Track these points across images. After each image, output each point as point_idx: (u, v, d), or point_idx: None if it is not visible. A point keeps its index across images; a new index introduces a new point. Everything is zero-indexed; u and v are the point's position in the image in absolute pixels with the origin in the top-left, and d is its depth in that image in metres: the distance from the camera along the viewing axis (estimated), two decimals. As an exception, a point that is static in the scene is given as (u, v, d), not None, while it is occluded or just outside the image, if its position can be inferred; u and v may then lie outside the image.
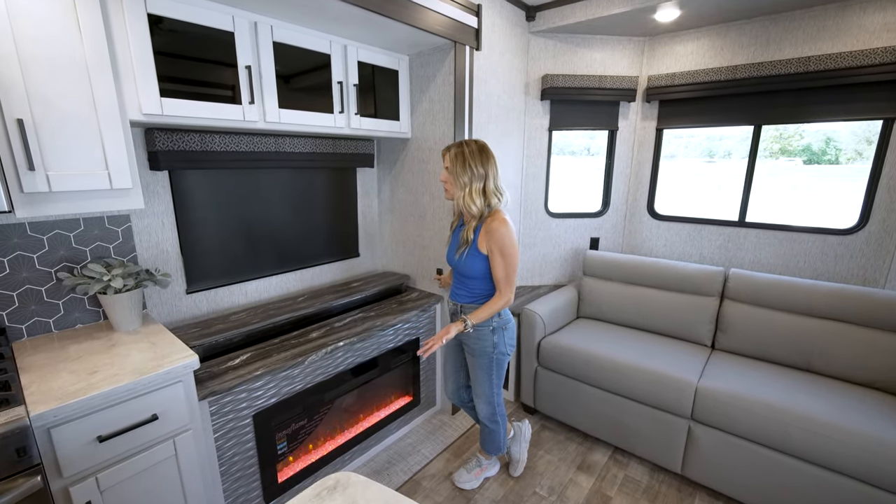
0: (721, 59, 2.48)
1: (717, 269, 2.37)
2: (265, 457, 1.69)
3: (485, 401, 1.86)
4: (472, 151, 1.61)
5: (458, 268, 1.74)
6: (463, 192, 1.61)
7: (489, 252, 1.63)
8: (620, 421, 2.16)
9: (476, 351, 1.77)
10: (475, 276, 1.69)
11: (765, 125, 2.44)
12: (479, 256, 1.65)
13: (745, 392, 1.84)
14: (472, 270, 1.68)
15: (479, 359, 1.78)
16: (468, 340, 1.79)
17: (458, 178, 1.61)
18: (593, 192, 3.08)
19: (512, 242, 1.60)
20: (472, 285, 1.74)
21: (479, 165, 1.60)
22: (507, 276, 1.63)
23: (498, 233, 1.59)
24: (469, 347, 1.80)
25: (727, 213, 2.67)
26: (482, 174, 1.60)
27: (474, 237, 1.65)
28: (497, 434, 1.94)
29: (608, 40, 2.72)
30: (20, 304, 1.46)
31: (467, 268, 1.69)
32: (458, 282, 1.80)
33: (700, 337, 2.36)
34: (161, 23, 1.41)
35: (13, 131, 1.15)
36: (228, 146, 1.81)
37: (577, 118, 2.85)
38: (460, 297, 1.79)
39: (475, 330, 1.73)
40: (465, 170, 1.60)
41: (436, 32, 1.94)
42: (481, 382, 1.83)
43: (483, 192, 1.61)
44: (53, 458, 1.10)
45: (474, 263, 1.67)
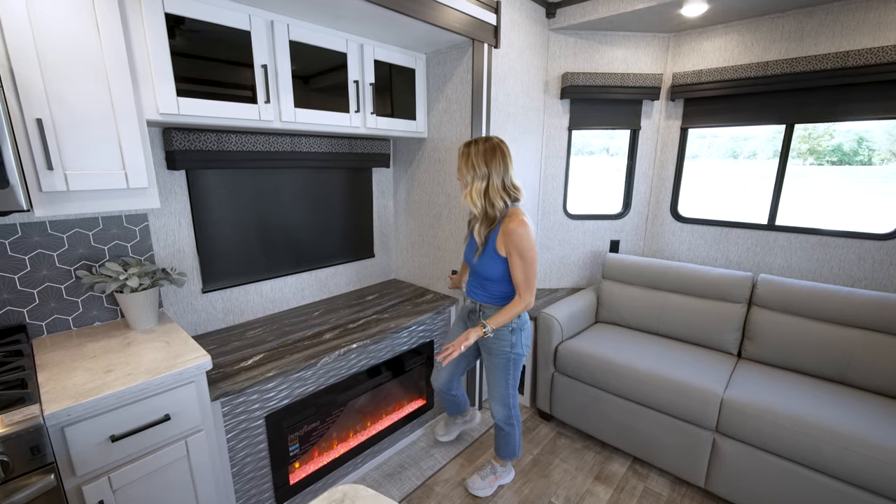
0: (751, 55, 2.37)
1: (744, 274, 2.27)
2: (277, 458, 1.68)
3: (500, 402, 1.83)
4: (478, 150, 1.57)
5: (476, 269, 1.71)
6: (465, 190, 1.60)
7: (508, 254, 1.58)
8: (641, 430, 2.08)
9: (494, 350, 1.75)
10: (493, 278, 1.66)
11: (797, 124, 2.32)
12: (498, 259, 1.61)
13: (773, 404, 1.75)
14: (491, 273, 1.65)
15: (497, 358, 1.75)
16: (486, 341, 1.77)
17: (462, 177, 1.60)
18: (613, 193, 3.00)
19: (531, 245, 1.55)
20: (491, 287, 1.71)
21: (481, 165, 1.55)
22: (527, 279, 1.58)
23: (516, 234, 1.53)
24: (486, 347, 1.78)
25: (754, 215, 2.56)
26: (484, 174, 1.55)
27: (492, 238, 1.61)
28: (512, 437, 1.91)
29: (631, 37, 2.64)
30: (40, 301, 1.49)
31: (485, 270, 1.66)
32: (475, 281, 1.77)
33: (726, 345, 2.26)
34: (178, 22, 1.40)
35: (32, 131, 1.15)
36: (245, 146, 1.81)
37: (598, 117, 2.77)
38: (478, 296, 1.77)
39: (493, 332, 1.70)
40: (469, 168, 1.57)
41: (453, 30, 1.90)
42: (498, 383, 1.80)
43: (485, 193, 1.57)
44: (67, 457, 1.10)
45: (493, 266, 1.63)
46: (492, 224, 1.61)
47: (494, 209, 1.58)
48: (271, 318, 2.07)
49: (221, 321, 1.96)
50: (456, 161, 2.20)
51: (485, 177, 1.56)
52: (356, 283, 2.53)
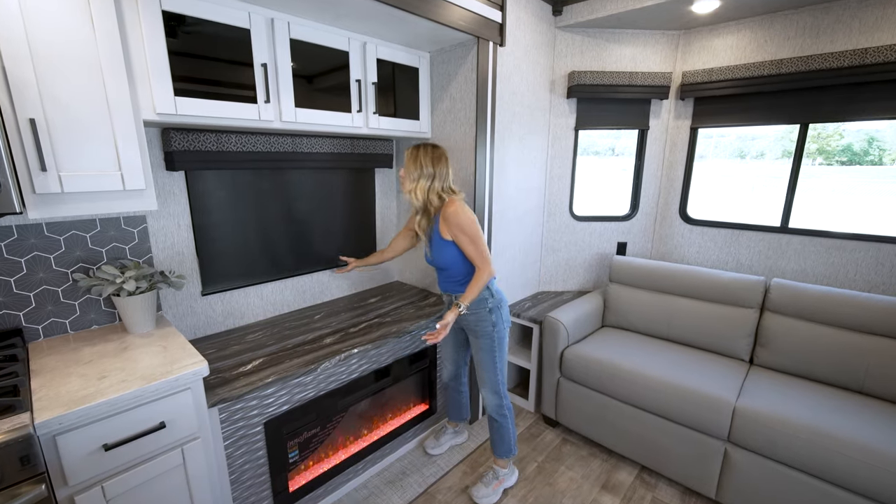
0: (764, 52, 2.31)
1: (757, 278, 2.20)
2: (276, 465, 1.65)
3: (491, 389, 1.89)
4: (426, 153, 1.72)
5: (434, 262, 1.81)
6: (410, 185, 1.73)
7: (453, 237, 1.71)
8: (649, 439, 2.03)
9: (479, 332, 1.83)
10: (450, 264, 1.77)
11: (812, 123, 2.25)
12: (447, 244, 1.73)
13: (788, 414, 1.69)
14: (446, 259, 1.76)
15: (482, 340, 1.83)
16: (469, 324, 1.85)
17: (409, 173, 1.73)
18: (619, 194, 2.94)
19: (469, 219, 1.68)
20: (455, 274, 1.80)
21: (428, 165, 1.71)
22: (479, 251, 1.70)
23: (453, 215, 1.67)
24: (471, 330, 1.86)
25: (765, 217, 2.49)
26: (430, 174, 1.71)
27: (435, 229, 1.75)
28: (506, 429, 1.93)
29: (640, 35, 2.58)
30: (37, 304, 1.46)
31: (441, 259, 1.77)
32: (440, 275, 1.87)
33: (737, 351, 2.20)
34: (175, 20, 1.37)
35: (26, 131, 1.13)
36: (245, 146, 1.78)
37: (606, 117, 2.72)
38: (451, 288, 1.85)
39: (473, 313, 1.80)
40: (417, 167, 1.71)
41: (458, 28, 1.86)
42: (486, 367, 1.86)
43: (428, 190, 1.72)
44: (59, 466, 1.08)
45: (445, 252, 1.75)
46: (430, 216, 1.75)
47: (432, 204, 1.74)
48: (272, 321, 2.04)
49: (221, 324, 1.93)
50: (461, 162, 2.18)
51: (430, 177, 1.71)
52: (358, 286, 2.50)
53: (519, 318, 2.55)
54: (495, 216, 2.38)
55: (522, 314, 2.53)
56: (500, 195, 2.40)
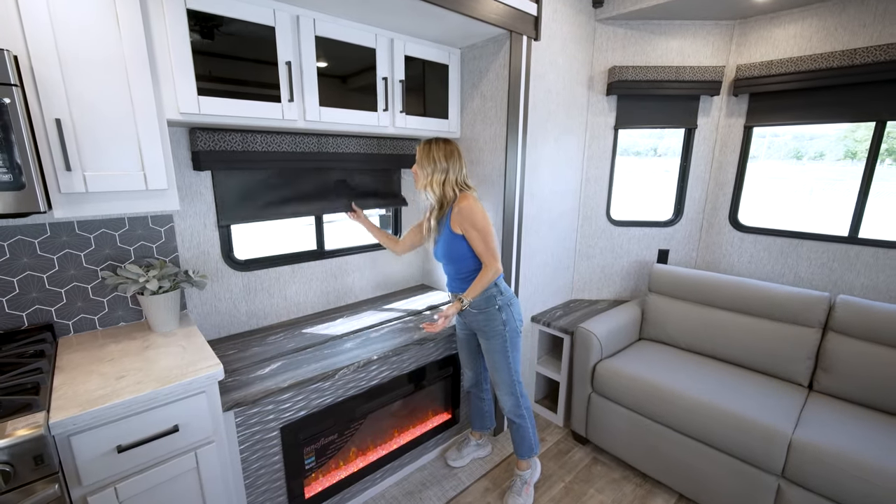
0: (834, 42, 2.06)
1: (820, 294, 1.97)
2: (292, 471, 1.62)
3: (506, 391, 1.84)
4: (438, 148, 1.70)
5: (443, 255, 1.77)
6: (424, 180, 1.71)
7: (464, 231, 1.68)
8: (689, 466, 1.85)
9: (489, 332, 1.78)
10: (459, 258, 1.73)
11: (891, 121, 1.99)
12: (457, 238, 1.70)
13: (853, 450, 1.48)
14: (456, 253, 1.72)
15: (493, 340, 1.78)
16: (477, 324, 1.80)
17: (423, 168, 1.70)
18: (661, 197, 2.74)
19: (482, 216, 1.67)
20: (461, 269, 1.75)
21: (441, 160, 1.68)
22: (487, 248, 1.67)
23: (466, 209, 1.65)
24: (482, 332, 1.81)
25: (828, 225, 2.24)
26: (444, 168, 1.69)
27: (447, 223, 1.71)
28: (526, 430, 1.90)
29: (689, 26, 2.39)
30: (68, 300, 1.50)
31: (451, 252, 1.73)
32: (448, 272, 1.82)
33: (794, 374, 1.97)
34: (200, 19, 1.36)
35: (52, 131, 1.14)
36: (270, 146, 1.77)
37: (649, 115, 2.53)
38: (459, 287, 1.80)
39: (482, 312, 1.76)
40: (430, 161, 1.69)
41: (490, 21, 1.77)
42: (500, 368, 1.81)
43: (443, 184, 1.70)
44: (73, 466, 1.08)
45: (455, 246, 1.71)
46: (443, 210, 1.72)
47: (446, 198, 1.71)
48: (294, 322, 2.03)
49: (245, 324, 1.93)
50: (491, 163, 2.08)
51: (444, 171, 1.69)
52: (382, 289, 2.45)
53: (549, 328, 2.42)
54: (526, 219, 2.26)
55: (553, 323, 2.40)
56: (531, 197, 2.29)
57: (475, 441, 2.17)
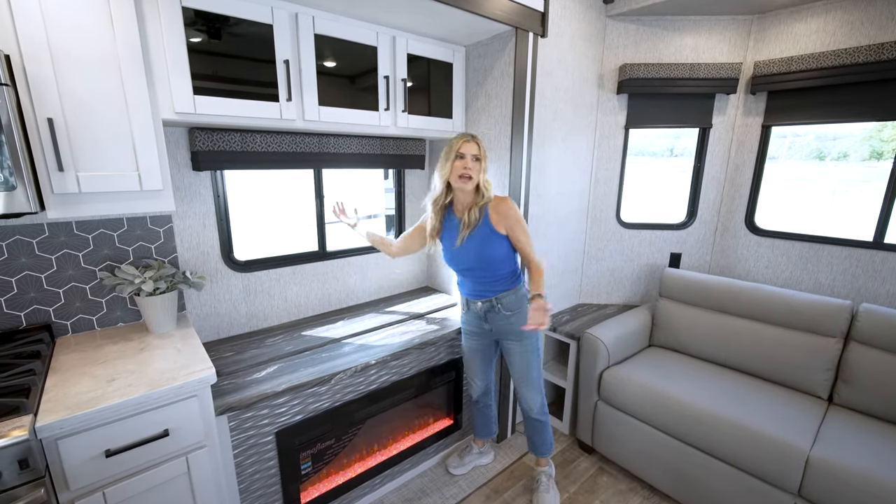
0: (860, 36, 1.96)
1: (842, 302, 1.87)
2: (288, 476, 1.59)
3: (536, 390, 1.85)
4: None
5: (476, 259, 1.69)
6: (482, 175, 1.66)
7: (509, 230, 1.66)
8: (699, 480, 1.78)
9: (524, 334, 1.76)
10: (499, 258, 1.69)
11: (920, 120, 1.88)
12: (500, 237, 1.67)
13: (879, 471, 1.39)
14: (498, 253, 1.68)
15: (527, 340, 1.77)
16: (509, 327, 1.76)
17: (483, 161, 1.66)
18: (675, 199, 2.65)
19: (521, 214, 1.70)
20: (498, 272, 1.72)
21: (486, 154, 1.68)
22: (531, 243, 1.69)
23: (511, 209, 1.66)
24: (514, 333, 1.77)
25: (852, 229, 2.13)
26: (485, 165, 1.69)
27: (485, 223, 1.66)
28: (548, 426, 1.93)
29: (703, 21, 2.30)
30: (66, 300, 1.49)
31: (493, 252, 1.67)
32: (477, 276, 1.74)
33: (812, 387, 1.88)
34: (196, 17, 1.34)
35: (44, 131, 1.13)
36: (270, 146, 1.75)
37: (661, 114, 2.45)
38: (490, 291, 1.74)
39: (516, 314, 1.74)
40: (484, 156, 1.66)
41: (495, 18, 1.72)
42: (531, 367, 1.81)
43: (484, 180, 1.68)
44: (61, 471, 1.06)
45: (498, 245, 1.67)
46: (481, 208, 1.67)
47: (489, 192, 1.70)
48: (294, 324, 2.01)
49: (245, 326, 1.91)
50: (496, 161, 2.04)
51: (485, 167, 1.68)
52: (385, 291, 2.42)
53: (555, 333, 2.36)
54: (532, 220, 2.20)
55: (559, 328, 2.33)
56: (538, 198, 2.22)
57: (478, 448, 2.13)
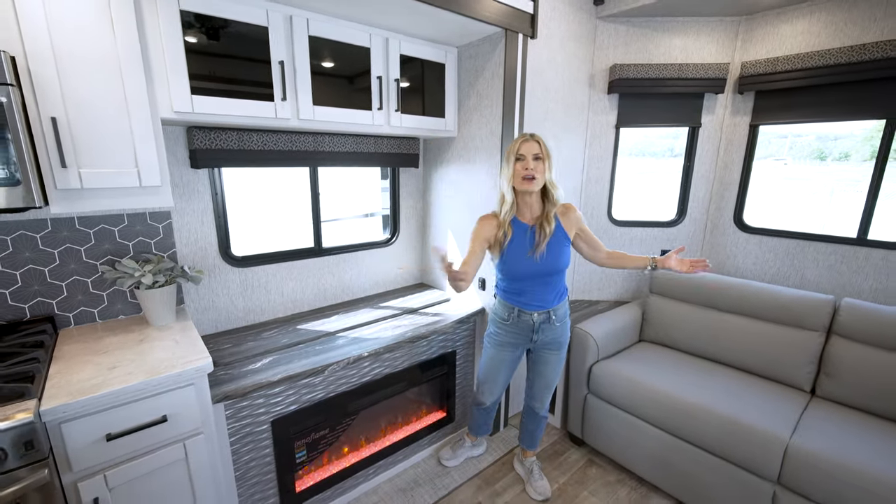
0: (843, 37, 2.00)
1: (824, 297, 1.92)
2: (283, 465, 1.64)
3: (551, 393, 1.90)
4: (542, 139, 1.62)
5: (554, 266, 1.65)
6: (548, 174, 1.59)
7: (579, 231, 1.72)
8: (686, 471, 1.82)
9: (564, 342, 1.80)
10: (564, 266, 1.69)
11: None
12: (568, 243, 1.70)
13: (853, 458, 1.44)
14: (564, 260, 1.68)
15: (563, 350, 1.81)
16: (555, 336, 1.76)
17: (547, 160, 1.58)
18: (673, 198, 2.69)
19: None
20: (559, 281, 1.72)
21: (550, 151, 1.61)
22: None
23: (579, 213, 1.71)
24: (557, 343, 1.78)
25: (845, 227, 2.17)
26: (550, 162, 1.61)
27: (559, 227, 1.65)
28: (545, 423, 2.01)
29: (692, 23, 2.34)
30: (68, 293, 1.55)
31: (563, 260, 1.67)
32: (539, 286, 1.68)
33: (796, 379, 1.92)
34: (193, 19, 1.39)
35: (48, 129, 1.18)
36: (266, 144, 1.80)
37: (651, 114, 2.50)
38: (550, 301, 1.72)
39: (563, 323, 1.76)
40: (547, 155, 1.59)
41: (484, 19, 1.76)
42: (558, 374, 1.85)
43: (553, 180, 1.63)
44: (64, 453, 1.11)
45: (566, 252, 1.68)
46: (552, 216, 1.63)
47: (557, 193, 1.63)
48: (290, 318, 2.06)
49: (242, 320, 1.96)
50: (487, 161, 2.08)
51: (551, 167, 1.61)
52: (380, 287, 2.47)
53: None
54: (523, 219, 2.25)
55: (550, 323, 2.38)
56: (529, 197, 2.27)
57: (470, 442, 2.17)
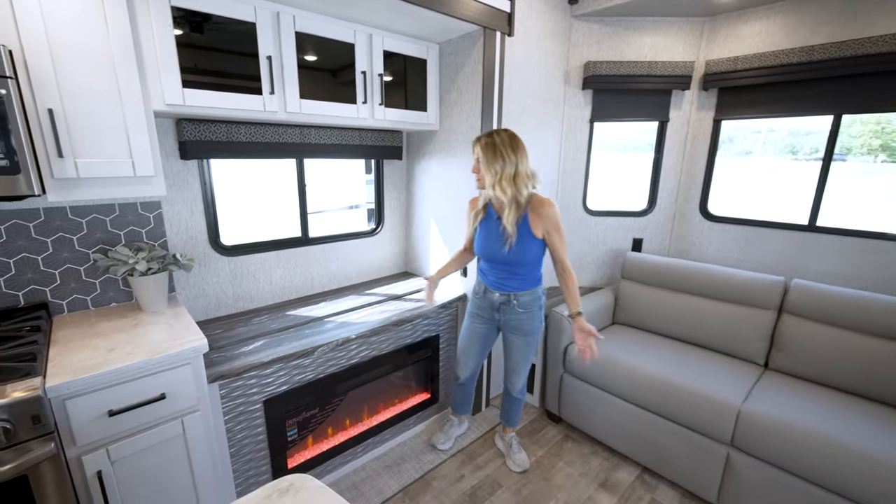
0: (795, 39, 2.16)
1: (775, 278, 2.09)
2: (275, 442, 1.73)
3: (523, 375, 2.00)
4: (503, 140, 1.64)
5: (510, 257, 1.74)
6: (494, 178, 1.64)
7: (546, 234, 1.71)
8: (652, 440, 1.98)
9: (528, 330, 1.88)
10: (530, 261, 1.75)
11: (846, 115, 2.10)
12: (536, 241, 1.72)
13: (795, 420, 1.60)
14: (529, 257, 1.73)
15: (531, 336, 1.89)
16: (517, 323, 1.86)
17: (490, 167, 1.63)
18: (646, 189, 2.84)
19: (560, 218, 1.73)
20: (524, 272, 1.79)
21: (510, 153, 1.63)
22: (566, 250, 1.77)
23: (552, 213, 1.69)
24: (520, 330, 1.88)
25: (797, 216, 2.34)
26: (513, 161, 1.63)
27: (524, 224, 1.69)
28: (523, 403, 2.12)
29: (661, 22, 2.48)
30: (62, 281, 1.59)
31: (524, 255, 1.73)
32: (503, 271, 1.81)
33: (751, 354, 2.10)
34: (184, 15, 1.44)
35: (45, 120, 1.22)
36: (254, 136, 1.86)
37: (623, 109, 2.63)
38: (510, 286, 1.82)
39: (528, 312, 1.84)
40: (497, 158, 1.62)
41: (463, 18, 1.85)
42: (527, 359, 1.95)
43: (513, 179, 1.63)
44: (68, 428, 1.18)
45: (531, 249, 1.72)
46: (520, 210, 1.67)
47: (522, 195, 1.66)
48: (279, 305, 2.13)
49: (232, 307, 2.03)
50: (468, 154, 2.17)
51: (514, 164, 1.63)
52: (366, 275, 2.55)
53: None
54: (503, 209, 2.37)
55: (529, 308, 2.51)
56: (508, 188, 2.38)
57: (457, 421, 2.28)
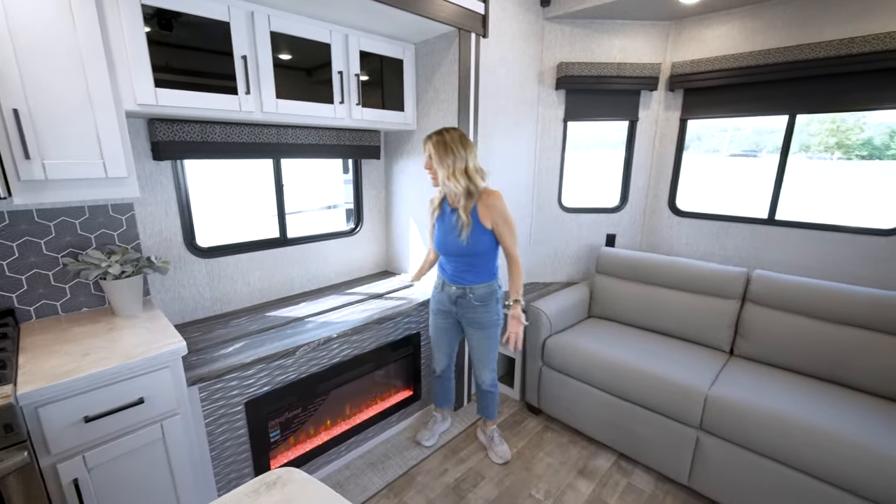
0: (752, 43, 2.29)
1: (738, 269, 2.21)
2: (258, 444, 1.71)
3: (490, 368, 2.03)
4: (453, 137, 1.74)
5: (464, 249, 1.80)
6: (448, 171, 1.72)
7: (494, 225, 1.77)
8: (626, 427, 2.06)
9: (486, 323, 1.92)
10: (482, 252, 1.81)
11: (800, 114, 2.23)
12: (486, 232, 1.78)
13: (758, 403, 1.70)
14: (480, 247, 1.79)
15: (489, 329, 1.93)
16: (475, 316, 1.91)
17: (443, 161, 1.72)
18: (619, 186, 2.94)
19: (510, 212, 1.78)
20: (479, 263, 1.85)
21: (460, 149, 1.72)
22: (515, 241, 1.81)
23: (498, 205, 1.75)
24: (478, 323, 1.92)
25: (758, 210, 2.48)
26: (463, 156, 1.73)
27: (473, 216, 1.76)
28: (497, 396, 2.14)
29: (630, 25, 2.57)
30: (29, 287, 1.54)
31: (476, 246, 1.79)
32: (459, 264, 1.87)
33: (718, 342, 2.21)
34: (155, 13, 1.42)
35: (9, 120, 1.18)
36: (229, 137, 1.84)
37: (595, 108, 2.72)
38: (466, 279, 1.87)
39: (484, 305, 1.89)
40: (448, 153, 1.72)
41: (438, 19, 1.88)
42: (490, 352, 1.99)
43: (465, 173, 1.73)
44: (41, 436, 1.15)
45: (482, 240, 1.78)
46: (472, 200, 1.76)
47: (477, 187, 1.75)
48: (258, 307, 2.11)
49: (209, 309, 2.00)
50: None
51: (464, 159, 1.73)
52: (346, 275, 2.55)
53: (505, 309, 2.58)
54: (480, 207, 2.41)
55: (507, 303, 2.56)
56: (485, 186, 2.43)
57: (440, 417, 2.31)
